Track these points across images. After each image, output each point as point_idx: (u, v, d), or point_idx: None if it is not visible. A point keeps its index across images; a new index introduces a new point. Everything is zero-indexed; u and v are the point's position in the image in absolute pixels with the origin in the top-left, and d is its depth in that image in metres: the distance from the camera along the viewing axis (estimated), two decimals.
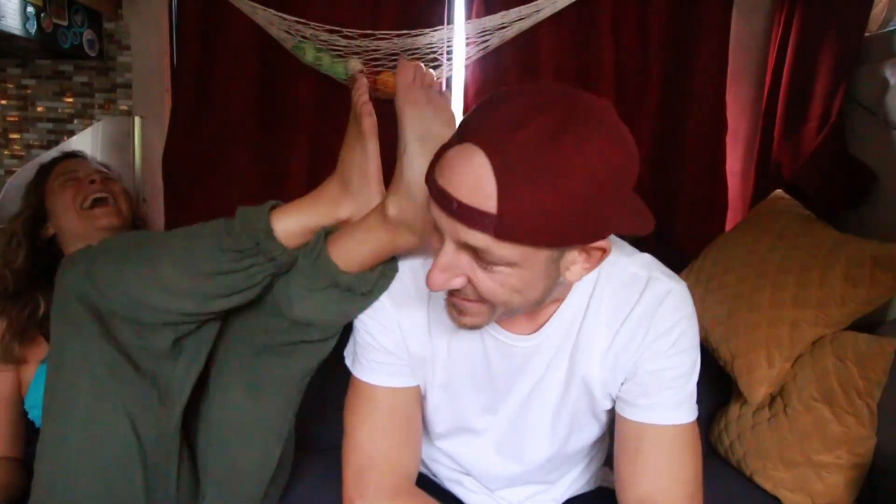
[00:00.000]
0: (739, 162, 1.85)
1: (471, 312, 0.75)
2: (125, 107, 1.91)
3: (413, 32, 1.54)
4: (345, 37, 1.54)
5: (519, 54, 1.73)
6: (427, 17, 1.69)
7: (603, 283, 0.86)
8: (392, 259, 0.90)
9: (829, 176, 1.50)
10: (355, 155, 0.91)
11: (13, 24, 1.56)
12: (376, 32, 1.54)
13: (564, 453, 0.97)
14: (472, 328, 0.78)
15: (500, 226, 0.63)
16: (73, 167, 1.34)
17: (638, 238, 1.74)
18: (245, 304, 0.92)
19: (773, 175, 1.68)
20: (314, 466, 1.22)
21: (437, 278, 0.70)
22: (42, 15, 1.65)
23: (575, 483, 1.05)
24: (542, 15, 1.53)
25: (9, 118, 1.95)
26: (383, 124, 0.86)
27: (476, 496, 1.04)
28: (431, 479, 1.11)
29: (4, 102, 1.94)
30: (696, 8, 1.73)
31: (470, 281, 0.71)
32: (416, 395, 0.94)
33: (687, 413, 0.86)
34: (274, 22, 1.53)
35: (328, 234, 0.89)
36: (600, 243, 0.70)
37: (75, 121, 1.94)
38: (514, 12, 1.52)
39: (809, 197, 1.52)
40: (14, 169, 1.90)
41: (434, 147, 0.71)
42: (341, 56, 1.57)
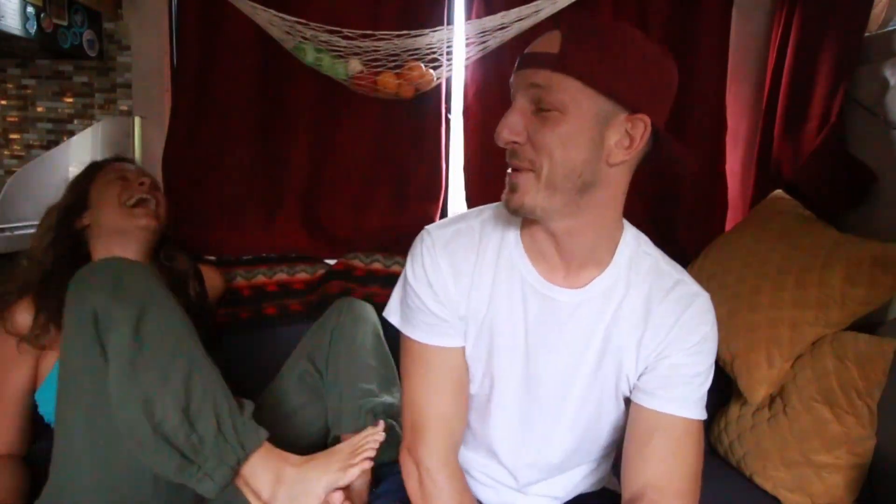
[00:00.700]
0: (739, 162, 1.85)
1: (521, 186, 0.82)
2: (125, 107, 1.91)
3: (413, 33, 1.53)
4: (345, 37, 1.54)
5: (519, 54, 1.72)
6: (427, 18, 1.68)
7: (638, 266, 0.91)
8: None
9: (829, 176, 1.50)
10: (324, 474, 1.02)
11: (13, 24, 1.56)
12: (376, 33, 1.53)
13: (585, 440, 0.98)
14: (517, 207, 0.83)
15: (560, 60, 0.77)
16: (126, 168, 1.40)
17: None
18: None
19: (773, 175, 1.68)
20: None
21: (505, 128, 0.81)
22: (42, 15, 1.65)
23: (585, 480, 1.06)
24: (542, 15, 1.53)
25: (9, 118, 1.95)
26: (382, 122, 0.86)
27: (485, 489, 1.04)
28: None
29: (4, 102, 1.94)
30: (696, 8, 1.73)
31: (529, 136, 0.80)
32: (465, 357, 0.96)
33: (699, 411, 0.91)
34: (274, 22, 1.53)
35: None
36: (642, 116, 0.79)
37: (75, 121, 1.94)
38: (514, 12, 1.52)
39: (809, 197, 1.52)
40: (14, 169, 1.90)
41: None
42: (341, 56, 1.57)
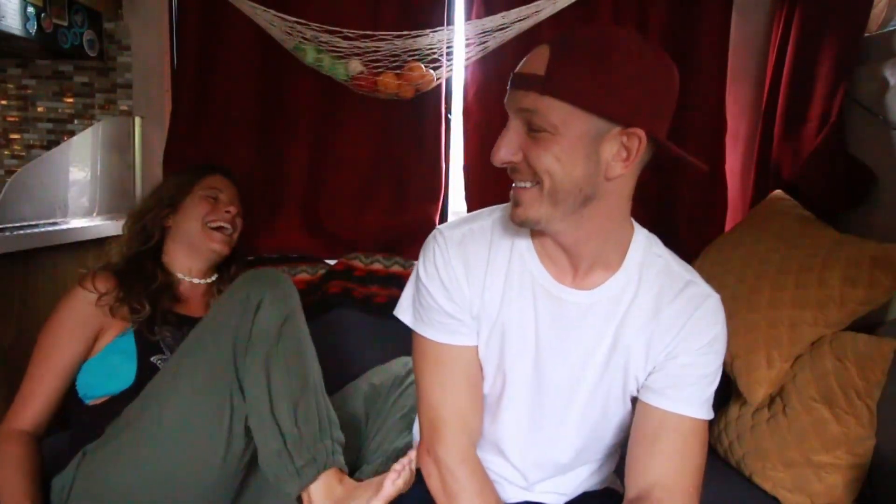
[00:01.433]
0: (739, 162, 1.85)
1: (525, 201, 0.82)
2: (125, 107, 1.92)
3: (413, 33, 1.54)
4: (345, 38, 1.54)
5: (519, 54, 1.70)
6: (427, 18, 1.69)
7: (648, 268, 0.92)
8: None
9: (829, 176, 1.50)
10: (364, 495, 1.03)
11: (13, 25, 1.56)
12: (376, 33, 1.54)
13: (591, 439, 0.99)
14: (523, 221, 0.84)
15: (546, 83, 0.76)
16: (221, 187, 1.47)
17: None
18: None
19: (773, 175, 1.68)
20: None
21: (499, 149, 0.82)
22: (42, 15, 1.65)
23: (590, 478, 1.06)
24: (542, 15, 1.53)
25: (9, 118, 1.95)
26: (382, 122, 0.86)
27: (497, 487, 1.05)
28: None
29: (4, 102, 1.94)
30: (696, 8, 1.73)
31: (524, 156, 0.80)
32: (478, 356, 0.96)
33: (706, 411, 0.92)
34: (274, 23, 1.53)
35: None
36: (636, 130, 0.77)
37: (75, 121, 1.94)
38: (514, 13, 1.52)
39: (809, 197, 1.52)
40: (14, 169, 1.90)
41: None
42: (342, 57, 1.57)
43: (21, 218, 1.50)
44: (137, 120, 1.86)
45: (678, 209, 1.79)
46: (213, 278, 1.45)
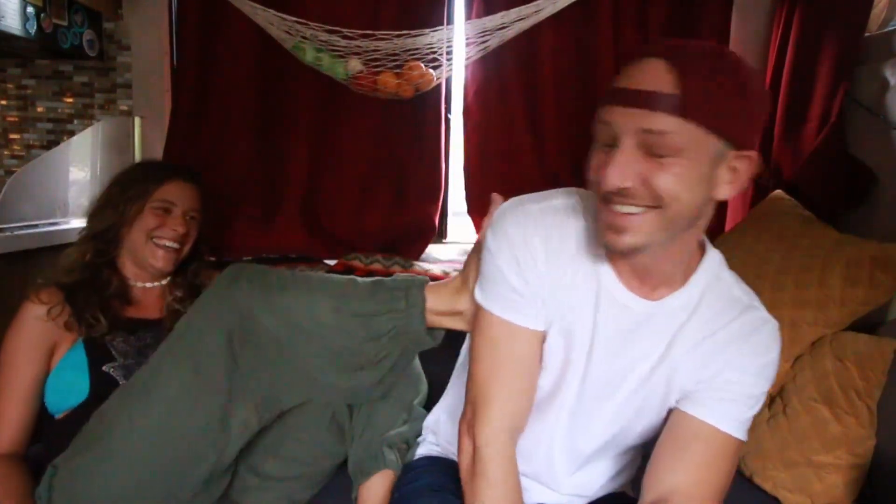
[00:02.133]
0: None
1: (633, 227, 0.78)
2: (125, 107, 1.92)
3: (413, 32, 1.54)
4: (345, 37, 1.54)
5: (519, 54, 1.73)
6: (427, 17, 1.69)
7: (712, 290, 0.91)
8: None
9: (829, 176, 1.50)
10: (475, 261, 1.01)
11: (13, 25, 1.56)
12: (376, 32, 1.54)
13: (619, 435, 0.99)
14: (630, 249, 0.79)
15: (684, 104, 0.71)
16: (175, 198, 1.37)
17: None
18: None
19: (773, 175, 1.68)
20: None
21: (613, 174, 0.75)
22: (42, 15, 1.65)
23: (609, 483, 1.06)
24: (542, 15, 1.53)
25: (9, 118, 1.95)
26: (382, 122, 0.86)
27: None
28: None
29: (4, 102, 1.95)
30: (696, 8, 1.73)
31: (643, 181, 0.75)
32: (539, 343, 0.93)
33: (742, 432, 0.91)
34: (274, 22, 1.53)
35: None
36: (751, 152, 0.77)
37: (75, 121, 1.95)
38: (514, 12, 1.52)
39: (809, 197, 1.52)
40: (14, 169, 1.90)
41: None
42: (341, 56, 1.57)
43: (21, 218, 1.50)
44: (137, 120, 1.86)
45: None
46: (166, 281, 1.40)
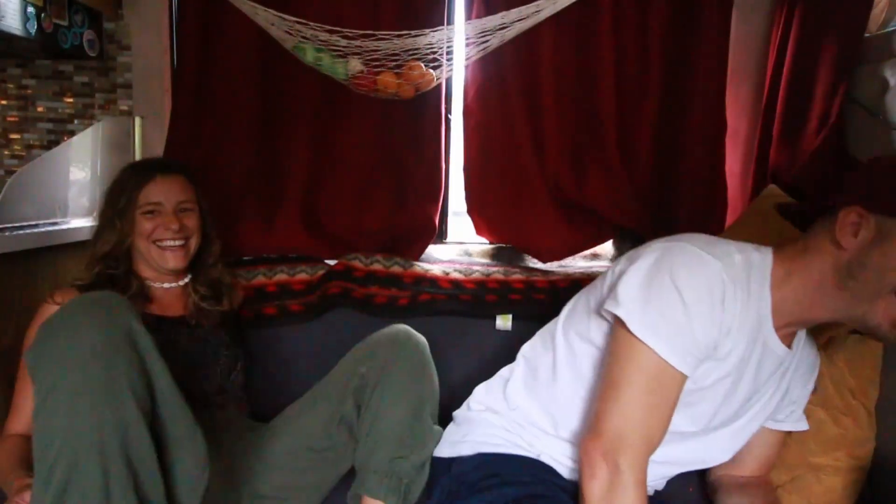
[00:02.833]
0: (739, 162, 1.85)
1: None
2: (125, 107, 1.92)
3: (413, 33, 1.53)
4: (345, 37, 1.54)
5: (519, 54, 1.72)
6: (427, 18, 1.68)
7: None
8: None
9: (829, 176, 1.50)
10: None
11: (13, 25, 1.56)
12: (376, 33, 1.53)
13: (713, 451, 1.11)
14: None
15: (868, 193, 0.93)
16: (158, 197, 1.35)
17: (636, 236, 1.74)
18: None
19: (773, 175, 1.68)
20: None
21: None
22: (42, 15, 1.65)
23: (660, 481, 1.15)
24: (542, 15, 1.53)
25: (9, 118, 1.95)
26: (382, 122, 0.86)
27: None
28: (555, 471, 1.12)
29: (4, 102, 1.95)
30: (696, 8, 1.72)
31: None
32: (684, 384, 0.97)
33: (805, 422, 1.18)
34: (274, 22, 1.53)
35: None
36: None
37: (75, 121, 1.95)
38: (514, 12, 1.52)
39: (809, 197, 1.52)
40: (14, 169, 1.90)
41: None
42: (341, 56, 1.57)
43: (21, 218, 1.50)
44: (137, 120, 1.86)
45: (678, 209, 1.78)
46: (187, 279, 1.42)
